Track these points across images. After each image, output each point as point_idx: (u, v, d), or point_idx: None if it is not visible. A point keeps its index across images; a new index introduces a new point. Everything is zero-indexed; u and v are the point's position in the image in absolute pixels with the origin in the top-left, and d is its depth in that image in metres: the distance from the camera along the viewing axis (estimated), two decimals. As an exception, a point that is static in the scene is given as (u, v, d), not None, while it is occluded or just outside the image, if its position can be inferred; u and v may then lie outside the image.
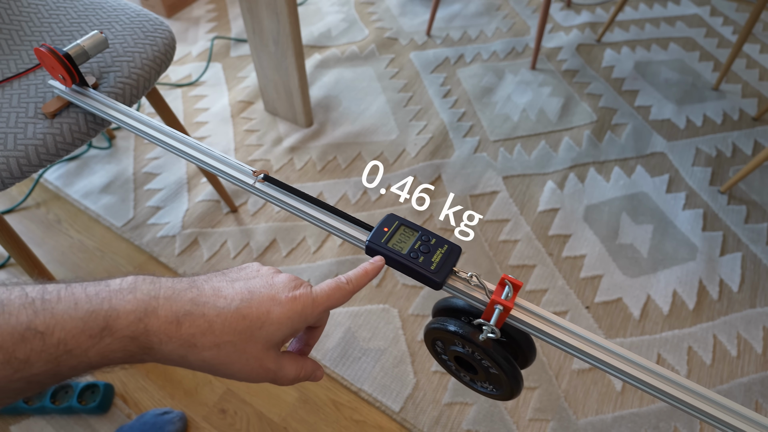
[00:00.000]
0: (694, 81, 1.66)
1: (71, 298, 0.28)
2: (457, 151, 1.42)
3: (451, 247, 0.43)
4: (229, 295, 0.31)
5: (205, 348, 0.29)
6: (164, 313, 0.29)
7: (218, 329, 0.29)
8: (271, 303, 0.31)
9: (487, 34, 1.81)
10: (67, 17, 0.80)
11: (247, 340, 0.30)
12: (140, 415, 0.95)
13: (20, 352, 0.25)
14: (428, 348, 0.48)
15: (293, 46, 1.24)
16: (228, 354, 0.30)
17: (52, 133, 0.67)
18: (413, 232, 0.44)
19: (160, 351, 0.29)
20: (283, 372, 0.33)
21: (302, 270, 1.17)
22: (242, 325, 0.30)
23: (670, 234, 1.26)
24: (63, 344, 0.26)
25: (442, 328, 0.42)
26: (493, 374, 0.43)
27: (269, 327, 0.31)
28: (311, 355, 1.04)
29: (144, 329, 0.28)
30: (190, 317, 0.29)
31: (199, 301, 0.30)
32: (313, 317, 0.33)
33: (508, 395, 0.44)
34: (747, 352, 1.08)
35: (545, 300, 1.13)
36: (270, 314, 0.31)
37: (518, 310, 0.41)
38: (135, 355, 0.29)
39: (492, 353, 0.40)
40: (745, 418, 0.36)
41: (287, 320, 0.32)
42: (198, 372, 1.01)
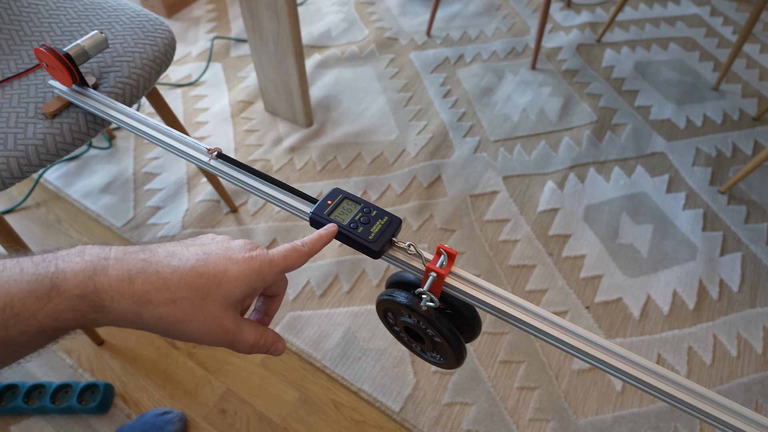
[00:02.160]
0: (694, 81, 1.66)
1: (17, 266, 0.27)
2: (457, 151, 1.42)
3: (391, 218, 0.45)
4: (184, 256, 0.31)
5: (160, 304, 0.29)
6: (115, 272, 0.28)
7: (174, 286, 0.29)
8: (228, 262, 0.31)
9: (487, 34, 1.81)
10: (67, 17, 0.80)
11: (205, 297, 0.30)
12: (140, 415, 0.95)
13: None
14: (381, 320, 0.50)
15: (293, 46, 1.24)
16: (185, 311, 0.29)
17: (52, 133, 0.67)
18: (356, 205, 0.46)
19: (113, 309, 0.28)
20: (242, 335, 0.33)
21: (302, 270, 1.17)
22: (199, 282, 0.30)
23: (670, 234, 1.26)
24: (9, 308, 0.26)
25: (390, 300, 0.44)
26: (438, 343, 0.45)
27: (226, 285, 0.31)
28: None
29: (93, 287, 0.28)
30: (143, 274, 0.29)
31: (153, 260, 0.30)
32: (270, 277, 0.33)
33: (454, 363, 0.47)
34: (747, 352, 1.08)
35: (545, 300, 1.13)
36: (227, 272, 0.31)
37: (454, 278, 0.42)
38: (86, 315, 0.28)
39: (434, 321, 0.42)
40: (745, 418, 0.36)
41: (244, 278, 0.31)
42: (198, 374, 1.02)
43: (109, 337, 1.07)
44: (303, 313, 1.10)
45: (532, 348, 1.06)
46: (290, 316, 1.10)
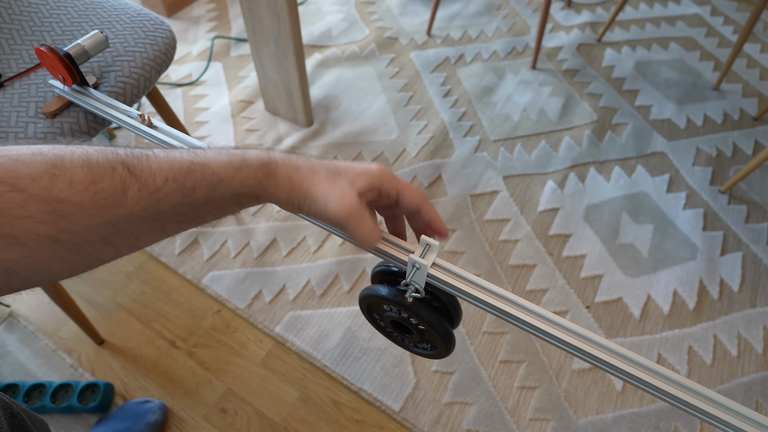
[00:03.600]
0: (695, 81, 1.66)
1: (215, 150, 0.37)
2: (458, 151, 1.42)
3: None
4: (321, 160, 0.41)
5: (304, 170, 0.38)
6: (278, 154, 0.39)
7: (315, 163, 0.39)
8: (354, 164, 0.40)
9: (487, 34, 1.81)
10: (67, 17, 0.80)
11: (336, 176, 0.38)
12: (122, 404, 0.95)
13: (188, 180, 0.34)
14: (365, 315, 0.51)
15: (293, 45, 1.24)
16: (320, 180, 0.38)
17: (52, 133, 0.67)
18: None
19: (277, 175, 0.37)
20: (364, 219, 0.39)
21: (302, 270, 1.17)
22: (331, 167, 0.39)
23: (670, 234, 1.26)
24: (216, 174, 0.35)
25: (372, 294, 0.45)
26: (426, 333, 0.46)
27: (352, 173, 0.39)
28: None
29: (267, 159, 0.37)
30: (295, 156, 0.39)
31: (301, 154, 0.40)
32: (386, 178, 0.40)
33: (444, 352, 0.47)
34: (747, 352, 1.08)
35: (545, 300, 1.13)
36: (353, 166, 0.39)
37: (437, 270, 0.43)
38: (261, 181, 0.37)
39: (420, 312, 0.43)
40: (746, 417, 0.36)
41: (366, 174, 0.39)
42: (198, 373, 1.02)
43: (110, 337, 1.07)
44: (303, 312, 1.10)
45: (532, 348, 1.06)
46: (290, 315, 1.10)
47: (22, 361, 1.03)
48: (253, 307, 1.11)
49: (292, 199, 0.38)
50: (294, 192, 0.38)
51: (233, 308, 1.11)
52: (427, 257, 0.42)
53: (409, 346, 0.51)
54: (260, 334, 1.08)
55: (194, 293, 1.13)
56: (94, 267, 0.33)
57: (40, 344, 1.05)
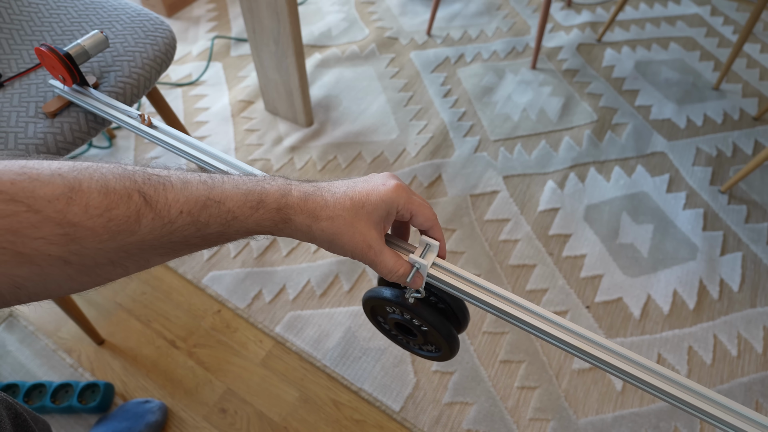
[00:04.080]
0: (695, 81, 1.66)
1: (233, 182, 0.37)
2: (458, 151, 1.42)
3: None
4: (338, 186, 0.40)
5: (323, 219, 0.38)
6: (296, 193, 0.38)
7: (332, 205, 0.38)
8: (370, 190, 0.40)
9: (487, 34, 1.81)
10: (67, 17, 0.80)
11: (354, 216, 0.38)
12: (122, 404, 0.95)
13: (203, 216, 0.34)
14: (369, 319, 0.51)
15: (293, 45, 1.24)
16: (339, 226, 0.38)
17: (52, 133, 0.67)
18: None
19: (294, 222, 0.37)
20: (383, 257, 0.40)
21: (302, 270, 1.17)
22: (349, 203, 0.38)
23: (670, 234, 1.26)
24: (231, 212, 0.35)
25: (375, 297, 0.45)
26: (429, 335, 0.46)
27: (369, 206, 0.39)
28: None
29: (285, 203, 0.37)
30: (312, 196, 0.38)
31: (318, 186, 0.39)
32: (402, 203, 0.40)
33: (448, 354, 0.48)
34: (747, 352, 1.08)
35: (545, 300, 1.13)
36: (369, 197, 0.39)
37: (437, 269, 0.43)
38: (278, 224, 0.37)
39: (421, 312, 0.43)
40: (746, 417, 0.36)
41: (382, 202, 0.39)
42: (198, 373, 1.02)
43: (110, 337, 1.07)
44: (303, 312, 1.10)
45: (532, 348, 1.06)
46: (290, 315, 1.10)
47: (22, 361, 1.03)
48: (253, 307, 1.11)
49: (312, 242, 0.40)
50: (314, 240, 0.39)
51: (233, 308, 1.11)
52: (426, 257, 0.42)
53: (413, 348, 0.51)
54: (260, 334, 1.08)
55: (194, 293, 1.14)
56: (101, 285, 0.34)
57: (40, 344, 1.05)
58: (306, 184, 0.39)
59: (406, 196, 0.41)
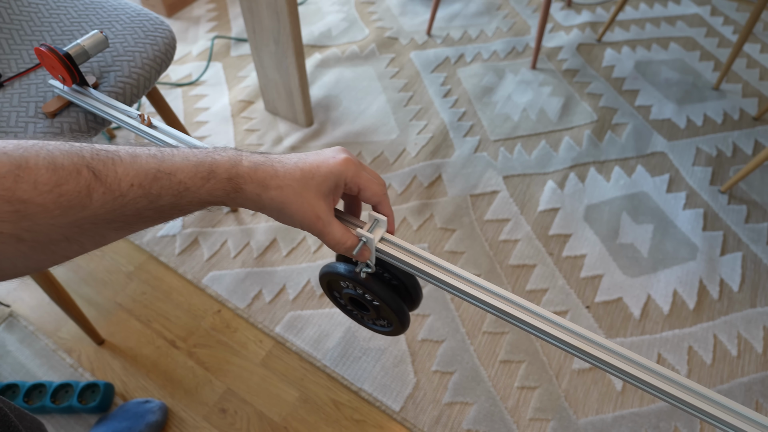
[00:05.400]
0: (695, 81, 1.66)
1: (183, 154, 0.37)
2: (458, 151, 1.42)
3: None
4: (289, 158, 0.41)
5: (272, 188, 0.38)
6: (247, 163, 0.38)
7: (281, 174, 0.39)
8: (320, 162, 0.40)
9: (487, 34, 1.81)
10: (67, 17, 0.80)
11: (303, 186, 0.39)
12: (122, 404, 0.95)
13: (154, 188, 0.35)
14: (327, 295, 0.52)
15: (293, 45, 1.24)
16: (288, 195, 0.38)
17: (52, 133, 0.67)
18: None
19: (244, 191, 0.38)
20: (331, 228, 0.40)
21: (302, 270, 1.17)
22: (299, 174, 0.39)
23: (670, 234, 1.26)
24: (183, 183, 0.36)
25: (330, 272, 0.46)
26: (381, 309, 0.47)
27: (318, 177, 0.39)
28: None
29: (236, 173, 0.38)
30: (263, 166, 0.39)
31: (269, 158, 0.40)
32: (350, 176, 0.41)
33: (399, 328, 0.49)
34: (747, 352, 1.08)
35: (545, 300, 1.13)
36: (319, 168, 0.40)
37: (386, 244, 0.44)
38: (229, 194, 0.38)
39: (373, 287, 0.44)
40: (746, 417, 0.36)
41: (331, 174, 0.40)
42: (198, 373, 1.02)
43: (110, 337, 1.07)
44: (303, 312, 1.10)
45: (532, 348, 1.06)
46: (290, 315, 1.10)
47: (22, 361, 1.03)
48: (253, 307, 1.11)
49: (262, 211, 0.40)
50: (264, 209, 0.39)
51: (233, 308, 1.11)
52: (375, 232, 0.44)
53: (367, 323, 0.53)
54: (260, 334, 1.08)
55: (194, 293, 1.13)
56: (59, 263, 0.34)
57: (40, 344, 1.05)
58: (257, 155, 0.40)
59: (354, 170, 0.41)
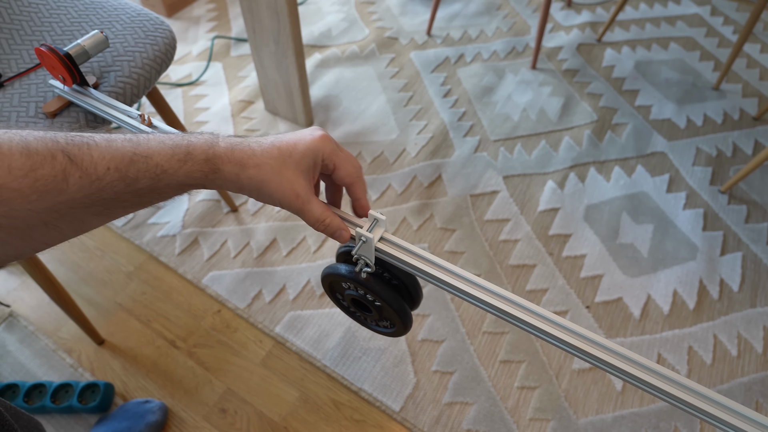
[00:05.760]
0: (695, 81, 1.66)
1: (158, 138, 0.37)
2: (458, 151, 1.42)
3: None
4: (266, 139, 0.41)
5: (250, 167, 0.38)
6: (223, 144, 0.39)
7: (258, 154, 0.39)
8: (297, 140, 0.41)
9: (487, 34, 1.81)
10: (67, 17, 0.80)
11: (281, 164, 0.39)
12: (122, 404, 0.95)
13: (131, 171, 0.35)
14: (329, 296, 0.52)
15: (293, 45, 1.24)
16: (266, 173, 0.39)
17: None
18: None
19: (223, 171, 0.38)
20: (311, 206, 0.41)
21: (302, 269, 1.17)
22: (276, 152, 0.39)
23: (670, 234, 1.26)
24: (160, 166, 0.36)
25: (331, 273, 0.46)
26: (383, 310, 0.47)
27: (296, 155, 0.40)
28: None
29: (213, 153, 0.38)
30: (240, 146, 0.39)
31: (246, 139, 0.41)
32: (327, 153, 0.41)
33: (402, 329, 0.49)
34: (747, 352, 1.08)
35: (545, 300, 1.13)
36: (296, 146, 0.40)
37: (386, 244, 0.44)
38: (208, 175, 0.38)
39: (374, 287, 0.44)
40: (746, 417, 0.36)
41: (309, 151, 0.40)
42: (198, 373, 1.02)
43: (110, 337, 1.07)
44: (303, 312, 1.10)
45: (532, 348, 1.06)
46: (290, 315, 1.10)
47: (22, 361, 1.03)
48: (253, 307, 1.11)
49: (241, 192, 0.40)
50: (243, 189, 0.40)
51: (233, 308, 1.11)
52: (374, 231, 0.43)
53: (370, 324, 0.53)
54: (260, 334, 1.08)
55: (194, 293, 1.14)
56: (40, 250, 0.34)
57: (40, 344, 1.05)
58: (234, 137, 0.40)
59: (331, 146, 0.42)
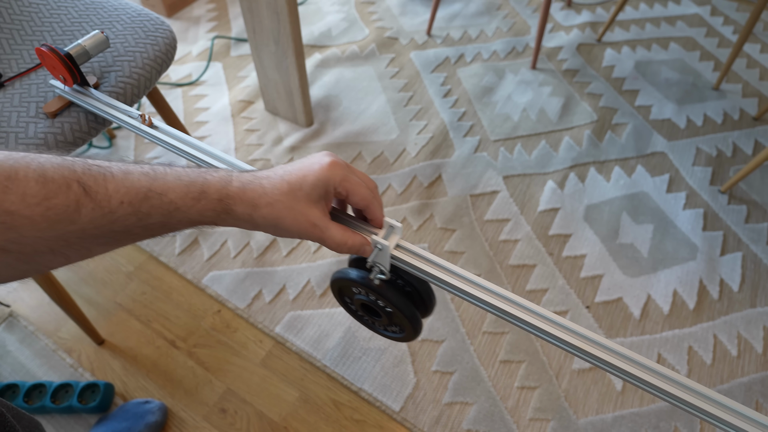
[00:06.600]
0: (695, 81, 1.66)
1: (175, 173, 0.37)
2: (458, 151, 1.42)
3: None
4: (275, 172, 0.41)
5: (262, 206, 0.38)
6: (236, 183, 0.38)
7: (269, 191, 0.39)
8: (306, 171, 0.40)
9: (487, 34, 1.81)
10: (68, 17, 0.80)
11: (293, 199, 0.39)
12: (122, 404, 0.95)
13: (144, 206, 0.34)
14: (337, 300, 0.51)
15: (293, 45, 1.24)
16: (280, 210, 0.38)
17: (53, 133, 0.67)
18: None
19: (235, 212, 0.38)
20: (330, 233, 0.40)
21: (302, 270, 1.17)
22: (286, 187, 0.39)
23: (670, 234, 1.26)
24: (173, 203, 0.36)
25: (342, 277, 0.46)
26: (394, 315, 0.47)
27: (306, 187, 0.39)
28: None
29: (226, 194, 0.38)
30: (251, 185, 0.39)
31: (256, 175, 0.40)
32: (337, 181, 0.40)
33: (411, 335, 0.48)
34: (747, 352, 1.08)
35: (545, 300, 1.13)
36: (306, 177, 0.39)
37: (401, 251, 0.44)
38: (220, 214, 0.38)
39: (386, 293, 0.44)
40: (746, 417, 0.36)
41: (319, 181, 0.40)
42: (198, 373, 1.02)
43: (110, 337, 1.07)
44: (303, 312, 1.10)
45: (532, 348, 1.06)
46: (290, 315, 1.10)
47: (22, 361, 1.03)
48: (253, 307, 1.11)
49: (257, 230, 0.40)
50: (258, 227, 0.40)
51: (233, 308, 1.11)
52: (390, 239, 0.43)
53: (378, 329, 0.53)
54: (260, 334, 1.08)
55: (194, 293, 1.14)
56: (42, 273, 0.35)
57: (40, 344, 1.05)
58: (246, 174, 0.40)
59: (341, 174, 0.41)
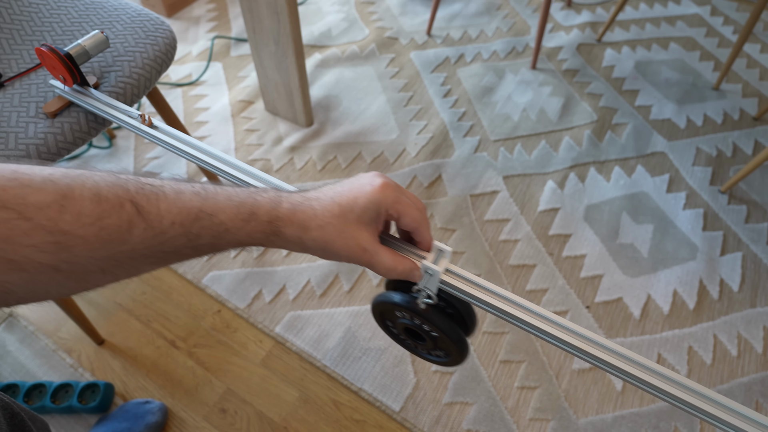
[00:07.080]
0: (695, 81, 1.66)
1: (226, 193, 0.37)
2: (458, 151, 1.42)
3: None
4: (326, 193, 0.40)
5: (313, 229, 0.38)
6: (286, 205, 0.38)
7: (320, 214, 0.38)
8: (357, 193, 0.39)
9: (487, 34, 1.81)
10: (68, 17, 0.80)
11: (344, 222, 0.38)
12: (122, 404, 0.95)
13: (195, 227, 0.34)
14: (378, 323, 0.50)
15: (293, 45, 1.24)
16: (330, 233, 0.38)
17: (53, 133, 0.67)
18: None
19: (285, 234, 0.37)
20: (379, 257, 0.40)
21: (302, 269, 1.17)
22: (337, 210, 0.38)
23: (670, 234, 1.26)
24: (223, 224, 0.35)
25: (385, 301, 0.45)
26: (439, 340, 0.45)
27: (357, 209, 0.38)
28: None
29: (276, 215, 0.37)
30: (301, 207, 0.38)
31: (308, 196, 0.39)
32: (389, 203, 0.40)
33: (458, 359, 0.47)
34: (747, 352, 1.08)
35: (545, 300, 1.13)
36: (357, 200, 0.39)
37: (450, 276, 0.43)
38: (269, 236, 0.37)
39: (433, 319, 0.43)
40: (746, 417, 0.36)
41: (371, 203, 0.39)
42: (198, 373, 1.02)
43: (110, 337, 1.07)
44: (303, 312, 1.10)
45: (532, 348, 1.06)
46: (290, 315, 1.10)
47: (22, 361, 1.03)
48: (253, 307, 1.11)
49: (305, 252, 0.40)
50: (308, 249, 0.39)
51: (233, 308, 1.11)
52: (440, 263, 0.42)
53: (422, 353, 0.51)
54: (260, 334, 1.08)
55: (194, 293, 1.14)
56: (90, 290, 0.34)
57: (40, 344, 1.05)
58: (296, 195, 0.39)
59: (393, 196, 0.40)
